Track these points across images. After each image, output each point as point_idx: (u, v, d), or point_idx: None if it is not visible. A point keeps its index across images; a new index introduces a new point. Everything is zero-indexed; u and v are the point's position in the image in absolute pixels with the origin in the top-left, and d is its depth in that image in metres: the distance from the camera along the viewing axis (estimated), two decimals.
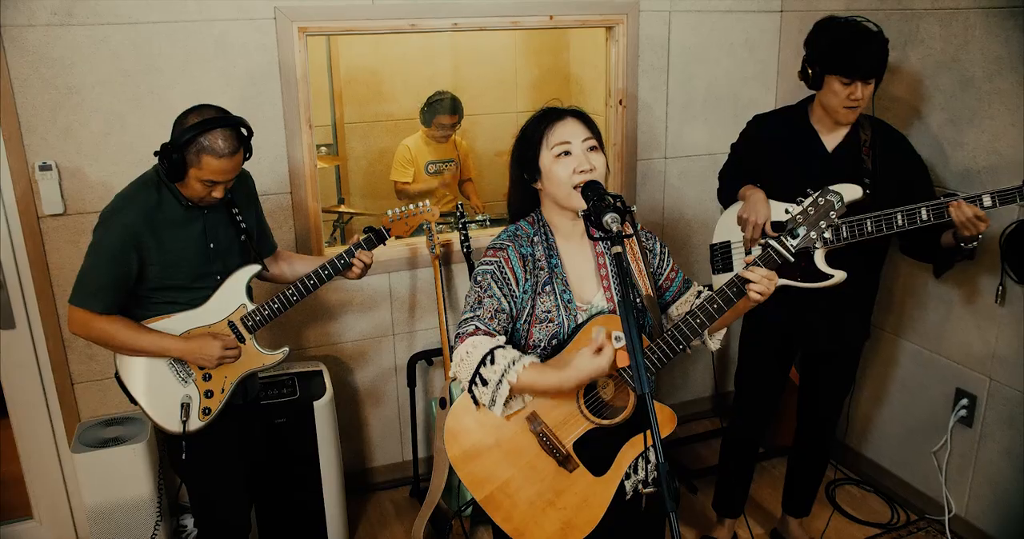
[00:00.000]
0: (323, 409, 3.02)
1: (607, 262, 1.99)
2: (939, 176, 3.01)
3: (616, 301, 1.94)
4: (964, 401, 3.05)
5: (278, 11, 2.91)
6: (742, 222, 2.73)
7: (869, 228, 2.46)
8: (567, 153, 1.89)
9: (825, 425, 2.98)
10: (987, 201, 2.36)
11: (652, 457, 2.09)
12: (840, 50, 2.48)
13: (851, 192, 2.45)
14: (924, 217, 2.41)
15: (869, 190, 2.52)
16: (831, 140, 2.67)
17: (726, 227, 2.86)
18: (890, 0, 3.11)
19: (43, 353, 2.98)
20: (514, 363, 1.81)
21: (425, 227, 3.17)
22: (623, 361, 1.75)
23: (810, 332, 2.82)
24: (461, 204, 3.33)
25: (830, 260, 2.54)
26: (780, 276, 2.63)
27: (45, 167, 2.79)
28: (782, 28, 3.67)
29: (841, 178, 2.48)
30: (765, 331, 2.90)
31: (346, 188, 5.17)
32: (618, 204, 1.76)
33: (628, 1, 3.36)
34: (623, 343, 1.75)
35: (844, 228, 2.48)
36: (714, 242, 2.91)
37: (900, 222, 2.44)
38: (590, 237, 1.77)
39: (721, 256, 2.88)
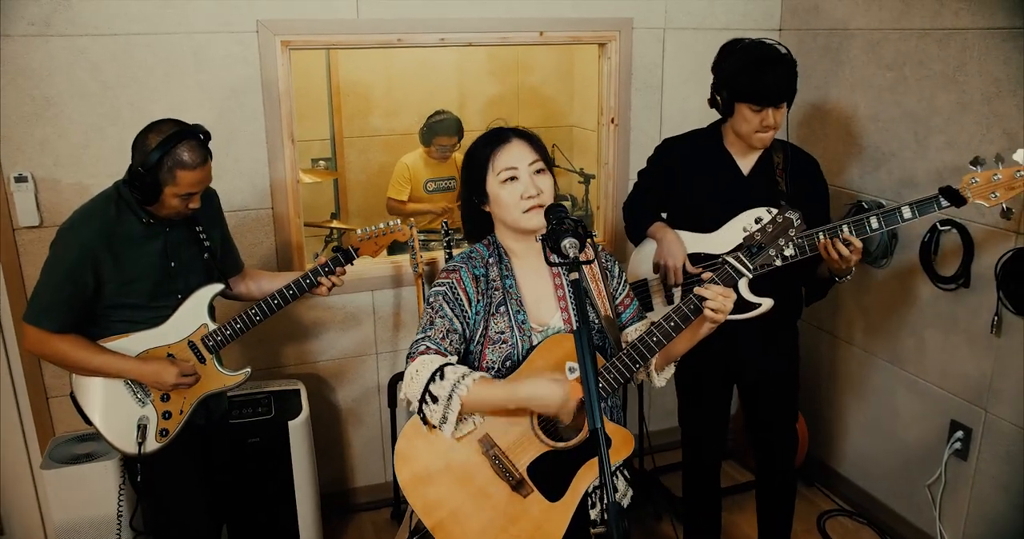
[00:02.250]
0: (298, 429, 2.96)
1: (564, 283, 1.94)
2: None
3: (573, 330, 1.88)
4: (959, 434, 2.94)
5: (260, 24, 2.88)
6: (659, 269, 2.64)
7: (791, 251, 2.36)
8: (514, 178, 1.85)
9: (778, 455, 2.87)
10: (907, 213, 2.26)
11: (621, 486, 2.02)
12: (747, 77, 2.42)
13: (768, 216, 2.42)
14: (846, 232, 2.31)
15: None
16: (746, 163, 2.61)
17: (640, 265, 2.76)
18: (887, 19, 3.03)
19: (17, 366, 2.94)
20: (464, 377, 1.77)
21: (409, 244, 3.11)
22: (576, 393, 1.69)
23: (736, 364, 2.74)
24: (446, 222, 3.27)
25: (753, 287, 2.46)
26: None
27: (21, 179, 2.76)
28: None
29: (758, 201, 2.43)
30: (693, 369, 2.75)
31: (344, 203, 5.14)
32: (579, 229, 1.70)
33: (621, 18, 3.30)
34: (577, 374, 1.68)
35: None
36: (631, 281, 2.81)
37: (823, 239, 2.33)
38: (548, 262, 1.70)
39: (639, 296, 2.77)
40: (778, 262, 1.79)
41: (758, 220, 1.82)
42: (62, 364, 2.25)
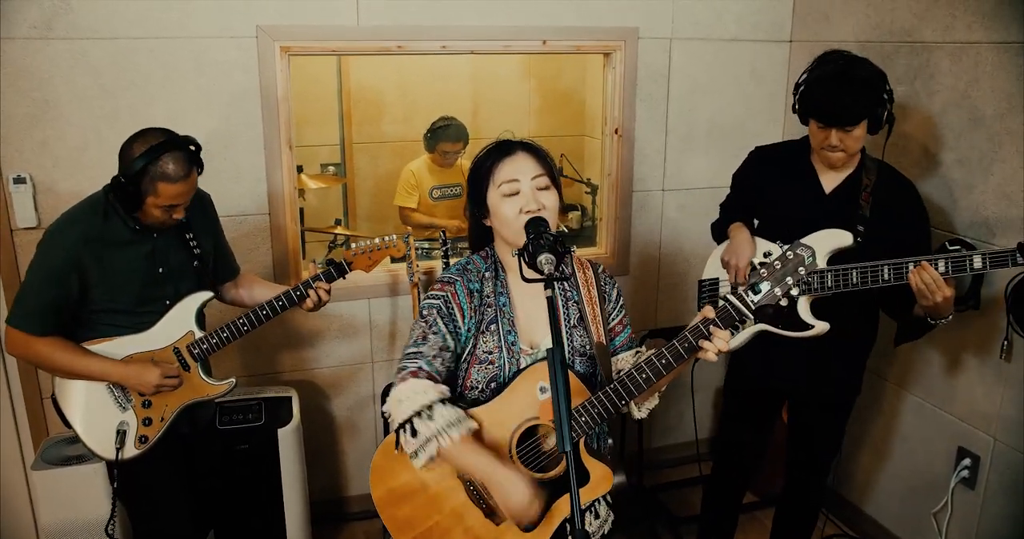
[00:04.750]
0: (288, 437, 2.93)
1: (560, 305, 1.87)
2: (948, 221, 2.83)
3: (545, 351, 1.82)
4: (966, 461, 2.84)
5: (260, 30, 2.87)
6: (725, 265, 2.60)
7: (854, 280, 2.30)
8: (515, 192, 1.78)
9: (811, 481, 2.79)
10: (977, 262, 2.17)
11: (603, 511, 1.97)
12: (816, 92, 2.34)
13: (840, 239, 2.30)
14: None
15: (861, 238, 2.36)
16: (830, 181, 2.52)
17: (716, 264, 2.73)
18: (899, 32, 2.95)
19: (12, 366, 2.95)
20: (451, 427, 1.70)
21: (406, 253, 3.08)
22: (547, 415, 1.63)
23: (794, 383, 2.65)
24: (444, 231, 3.23)
25: (820, 309, 2.38)
26: (762, 320, 2.47)
27: (19, 180, 2.77)
28: (791, 59, 3.52)
29: (835, 222, 2.33)
30: (745, 377, 2.75)
31: (353, 209, 5.13)
32: (557, 245, 1.64)
33: (626, 27, 3.25)
34: (548, 395, 1.63)
35: (829, 277, 2.32)
36: (703, 278, 2.78)
37: (886, 276, 2.26)
38: (523, 279, 1.65)
39: (709, 293, 2.74)
40: (783, 302, 1.69)
41: (767, 254, 1.74)
42: (44, 366, 2.25)
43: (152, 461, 2.31)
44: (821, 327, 2.37)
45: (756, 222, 2.72)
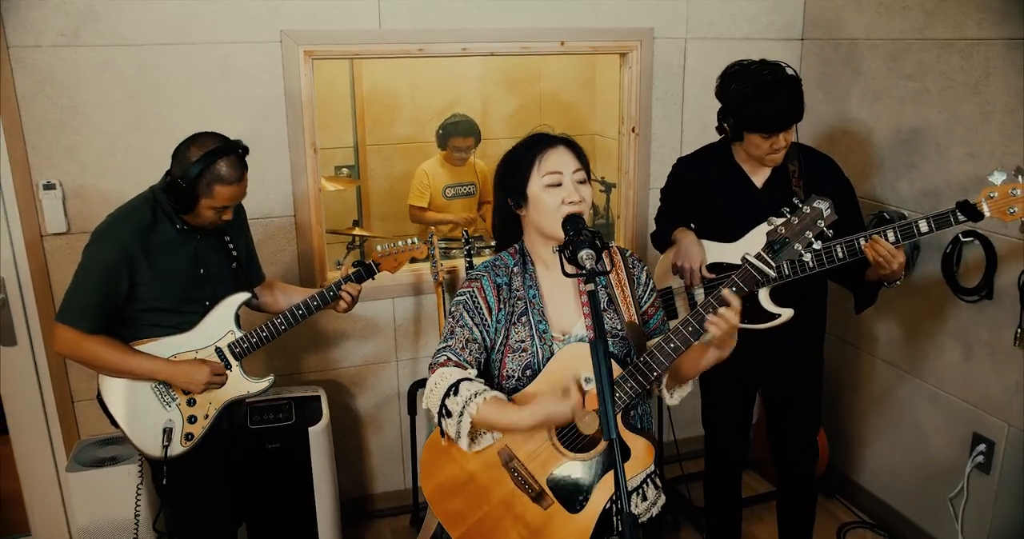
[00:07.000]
0: (318, 435, 2.98)
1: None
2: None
3: (576, 335, 1.89)
4: (981, 447, 2.91)
5: (284, 34, 2.92)
6: (677, 270, 2.65)
7: (811, 263, 2.36)
8: (558, 183, 1.84)
9: (799, 466, 2.87)
10: (923, 226, 2.25)
11: (651, 494, 2.00)
12: (753, 107, 2.39)
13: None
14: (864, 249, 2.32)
15: None
16: (760, 176, 2.60)
17: (665, 272, 2.78)
18: (910, 29, 3.01)
19: (44, 370, 3.00)
20: (476, 396, 1.77)
21: (429, 252, 3.13)
22: (592, 404, 1.69)
23: (760, 373, 2.73)
24: (467, 231, 3.29)
25: (772, 293, 2.46)
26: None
27: (49, 186, 2.81)
28: (803, 56, 3.58)
29: (774, 213, 2.40)
30: (718, 369, 2.81)
31: (367, 210, 5.17)
32: (596, 240, 1.71)
33: (642, 27, 3.31)
34: (593, 385, 1.68)
35: (786, 264, 2.38)
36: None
37: (840, 254, 2.34)
38: (564, 274, 1.71)
39: (664, 303, 2.78)
40: (807, 257, 1.70)
41: (783, 211, 1.78)
42: (93, 365, 2.29)
43: (195, 458, 2.37)
44: (787, 314, 2.43)
45: (693, 226, 2.75)
